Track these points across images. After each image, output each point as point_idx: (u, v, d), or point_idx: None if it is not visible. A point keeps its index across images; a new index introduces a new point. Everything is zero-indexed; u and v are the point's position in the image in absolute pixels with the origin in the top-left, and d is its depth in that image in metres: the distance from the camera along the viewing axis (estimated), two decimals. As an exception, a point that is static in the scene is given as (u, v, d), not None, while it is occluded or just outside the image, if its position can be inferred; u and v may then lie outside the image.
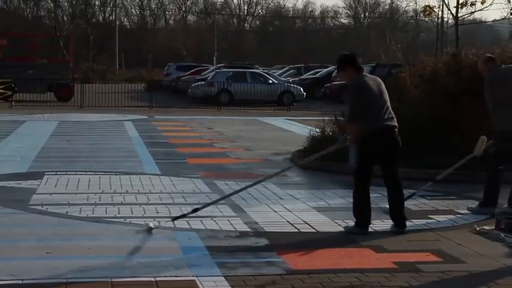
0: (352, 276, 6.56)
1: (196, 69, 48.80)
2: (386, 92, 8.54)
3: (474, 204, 9.79)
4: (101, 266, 6.75)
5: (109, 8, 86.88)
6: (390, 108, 8.50)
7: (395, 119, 8.49)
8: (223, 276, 6.51)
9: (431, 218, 9.27)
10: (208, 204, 9.17)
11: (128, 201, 10.03)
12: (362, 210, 8.40)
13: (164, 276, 6.46)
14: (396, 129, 8.46)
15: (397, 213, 8.49)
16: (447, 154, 11.74)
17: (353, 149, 8.63)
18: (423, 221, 9.05)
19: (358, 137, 8.45)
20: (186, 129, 22.47)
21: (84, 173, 12.55)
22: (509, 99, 9.45)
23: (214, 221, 8.83)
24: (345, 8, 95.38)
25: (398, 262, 7.09)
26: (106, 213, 9.22)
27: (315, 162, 13.36)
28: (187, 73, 47.13)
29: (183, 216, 8.69)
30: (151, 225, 8.31)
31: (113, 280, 6.32)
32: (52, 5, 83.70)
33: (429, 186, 10.06)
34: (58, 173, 12.47)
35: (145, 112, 29.58)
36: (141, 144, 17.44)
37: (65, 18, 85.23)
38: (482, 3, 16.12)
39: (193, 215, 8.68)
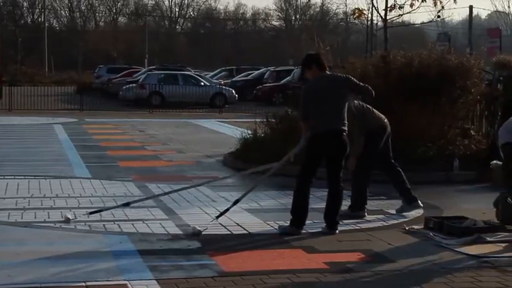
0: (283, 277, 6.60)
1: (127, 71, 48.36)
2: (344, 93, 8.60)
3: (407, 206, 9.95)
4: (30, 272, 6.64)
5: (38, 10, 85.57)
6: (344, 109, 8.55)
7: (345, 123, 8.55)
8: (155, 279, 6.49)
9: (362, 218, 9.37)
10: (246, 193, 9.29)
11: (58, 206, 9.90)
12: (298, 210, 8.46)
13: (95, 281, 6.40)
14: (344, 133, 8.53)
15: (331, 216, 8.56)
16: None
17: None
18: (354, 221, 9.15)
19: (307, 136, 8.51)
20: (117, 132, 22.28)
21: (12, 177, 12.33)
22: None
23: (146, 224, 8.78)
24: (276, 10, 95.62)
25: (330, 262, 7.16)
26: (35, 217, 9.08)
27: (245, 164, 13.40)
28: (119, 75, 46.69)
29: (226, 211, 8.89)
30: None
31: (42, 286, 6.24)
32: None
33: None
34: (-14, 177, 12.24)
35: (76, 115, 29.22)
36: (71, 148, 17.23)
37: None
38: (411, 6, 16.32)
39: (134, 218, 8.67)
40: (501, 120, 14.07)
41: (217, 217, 8.86)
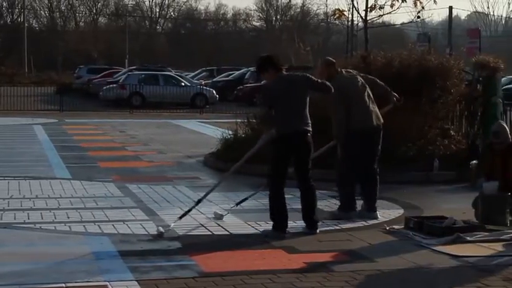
0: (264, 278, 6.61)
1: (107, 71, 48.18)
2: (304, 92, 8.57)
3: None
4: (10, 273, 6.61)
5: (17, 10, 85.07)
6: (306, 109, 8.54)
7: (308, 123, 8.54)
8: (136, 280, 6.48)
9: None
10: (208, 193, 9.26)
11: (38, 207, 9.85)
12: (276, 213, 8.45)
13: (75, 282, 6.38)
14: (309, 134, 8.53)
15: (309, 216, 8.57)
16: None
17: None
18: (334, 221, 9.16)
19: (272, 137, 8.51)
20: (97, 132, 22.20)
21: (-8, 178, 12.27)
22: (356, 104, 9.50)
23: (127, 225, 8.76)
24: (256, 10, 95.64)
25: (310, 262, 7.17)
26: (15, 219, 9.03)
27: (226, 164, 13.38)
28: (99, 76, 46.50)
29: (188, 211, 8.87)
30: (161, 229, 8.25)
31: (21, 287, 6.21)
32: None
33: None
34: (-35, 178, 12.16)
35: (56, 115, 29.07)
36: (52, 148, 17.14)
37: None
38: (391, 6, 16.37)
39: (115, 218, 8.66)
40: (481, 120, 14.19)
41: (180, 217, 8.79)
